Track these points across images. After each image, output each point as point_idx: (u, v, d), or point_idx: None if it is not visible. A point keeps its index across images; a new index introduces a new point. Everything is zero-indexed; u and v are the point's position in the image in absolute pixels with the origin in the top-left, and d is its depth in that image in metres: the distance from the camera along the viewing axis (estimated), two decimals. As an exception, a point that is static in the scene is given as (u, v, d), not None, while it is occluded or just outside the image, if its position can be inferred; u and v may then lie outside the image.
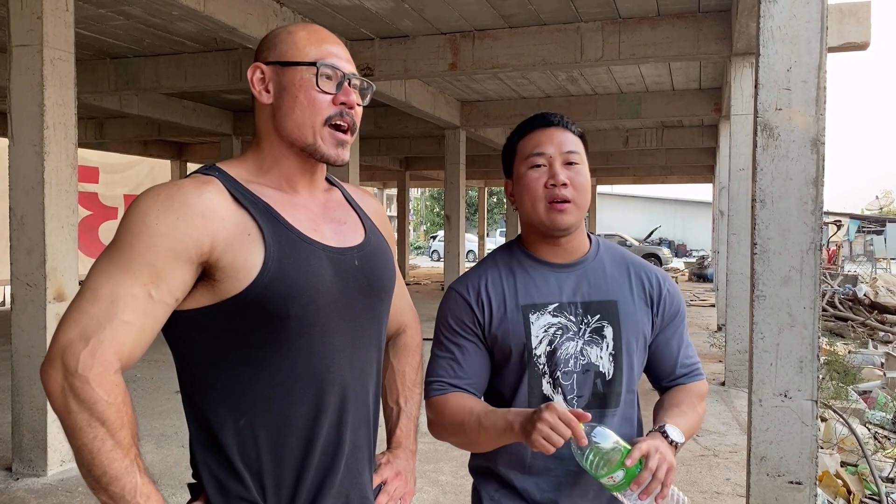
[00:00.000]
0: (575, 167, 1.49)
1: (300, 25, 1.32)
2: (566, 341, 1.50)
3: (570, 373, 1.49)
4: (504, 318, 1.52)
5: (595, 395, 1.50)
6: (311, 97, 1.25)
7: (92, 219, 13.83)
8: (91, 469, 1.08)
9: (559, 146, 1.50)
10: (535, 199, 1.48)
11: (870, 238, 26.23)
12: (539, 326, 1.50)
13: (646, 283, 1.58)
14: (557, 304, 1.52)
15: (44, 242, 4.30)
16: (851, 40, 5.72)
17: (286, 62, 1.27)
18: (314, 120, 1.26)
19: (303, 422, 1.23)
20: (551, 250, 1.55)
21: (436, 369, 1.57)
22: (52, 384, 1.09)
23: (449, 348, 1.55)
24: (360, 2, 6.14)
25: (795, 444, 2.62)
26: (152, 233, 1.13)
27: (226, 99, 11.13)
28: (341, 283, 1.26)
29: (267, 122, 1.29)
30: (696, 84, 9.87)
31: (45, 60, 4.28)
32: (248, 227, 1.19)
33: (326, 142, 1.27)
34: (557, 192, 1.46)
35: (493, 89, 10.23)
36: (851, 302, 11.74)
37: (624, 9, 6.38)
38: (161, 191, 1.17)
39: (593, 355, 1.50)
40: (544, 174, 1.49)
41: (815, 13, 2.55)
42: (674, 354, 1.60)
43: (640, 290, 1.56)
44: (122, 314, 1.10)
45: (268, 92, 1.28)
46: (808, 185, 2.59)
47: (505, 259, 1.60)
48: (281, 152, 1.28)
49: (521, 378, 1.51)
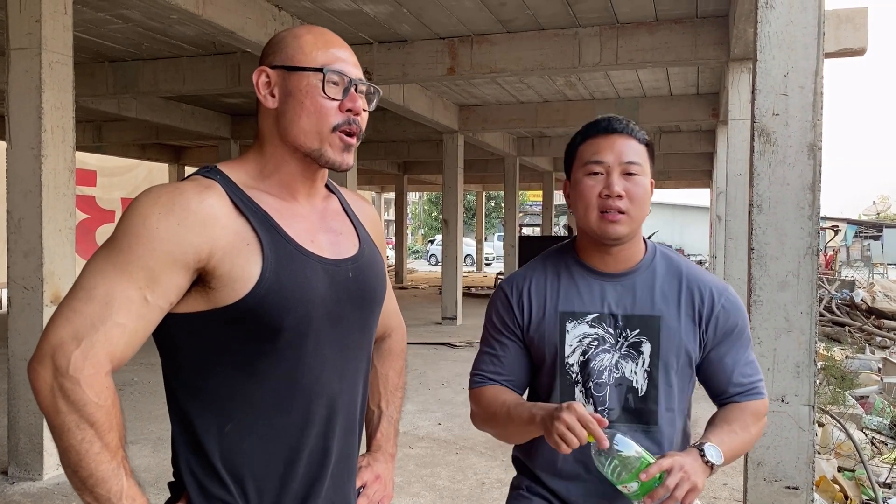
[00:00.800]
0: (634, 178, 1.47)
1: (307, 28, 1.30)
2: (601, 353, 1.49)
3: (604, 385, 1.49)
4: (542, 322, 1.53)
5: (626, 410, 1.49)
6: (317, 104, 1.23)
7: (89, 222, 13.81)
8: (77, 470, 1.08)
9: (619, 155, 1.47)
10: (589, 207, 1.47)
11: (867, 243, 26.29)
12: (574, 335, 1.50)
13: (696, 298, 1.52)
14: (597, 314, 1.51)
15: (41, 245, 4.29)
16: (848, 46, 5.74)
17: (292, 67, 1.24)
18: (321, 126, 1.24)
19: (289, 431, 1.22)
20: (601, 258, 1.53)
21: (478, 363, 1.62)
22: (40, 382, 1.08)
23: (492, 344, 1.60)
24: (359, 6, 6.14)
25: (792, 449, 2.63)
26: (152, 236, 1.11)
27: (224, 103, 11.13)
28: (335, 294, 1.26)
29: (271, 127, 1.27)
30: (694, 89, 9.89)
31: (43, 64, 4.28)
32: (247, 236, 1.18)
33: (335, 147, 1.25)
34: (611, 203, 1.44)
35: (491, 94, 10.25)
36: (848, 307, 11.76)
37: (622, 14, 6.39)
38: (163, 193, 1.16)
39: (627, 370, 1.49)
40: (600, 182, 1.47)
41: (811, 19, 2.56)
42: (727, 372, 1.54)
43: (688, 306, 1.51)
44: (116, 316, 1.09)
45: (273, 96, 1.26)
46: (805, 190, 2.60)
47: (554, 262, 1.59)
48: (284, 157, 1.27)
49: (554, 384, 1.52)
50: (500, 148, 13.68)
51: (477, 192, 26.97)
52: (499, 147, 13.55)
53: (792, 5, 2.57)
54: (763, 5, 2.59)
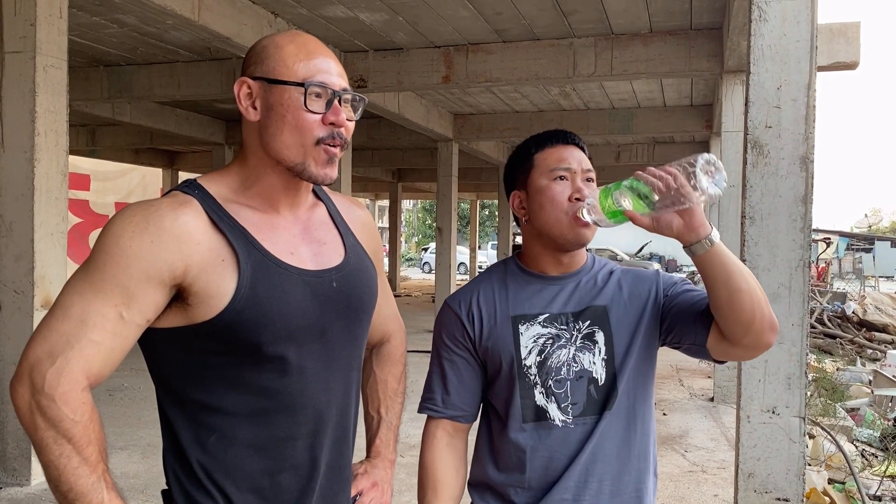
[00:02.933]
0: (592, 185, 1.52)
1: (288, 37, 1.26)
2: (557, 349, 1.50)
3: (563, 380, 1.49)
4: (494, 329, 1.53)
5: (590, 401, 1.49)
6: (299, 118, 1.21)
7: (82, 226, 13.77)
8: (58, 485, 1.09)
9: (580, 163, 1.53)
10: (560, 211, 1.49)
11: (859, 256, 26.42)
12: (528, 337, 1.51)
13: (635, 284, 1.56)
14: (548, 314, 1.52)
15: (32, 249, 4.27)
16: (841, 60, 5.78)
17: (273, 80, 1.22)
18: (304, 140, 1.21)
19: (273, 444, 1.22)
20: (553, 263, 1.55)
21: (429, 386, 1.60)
22: (19, 400, 1.10)
23: (442, 365, 1.58)
24: (355, 14, 6.16)
25: (783, 461, 2.63)
26: (126, 255, 1.12)
27: (218, 108, 11.12)
28: (318, 306, 1.24)
29: (254, 139, 1.25)
30: (688, 101, 9.93)
31: (37, 67, 4.27)
32: (222, 252, 1.18)
33: (318, 161, 1.23)
34: (581, 205, 1.48)
35: (486, 103, 10.27)
36: (840, 319, 11.80)
37: (617, 25, 6.43)
38: (137, 212, 1.16)
39: (586, 361, 1.50)
40: (568, 187, 1.50)
41: (804, 32, 2.58)
42: (686, 299, 1.50)
43: (630, 292, 1.54)
44: (91, 333, 1.11)
45: (255, 108, 1.24)
46: (797, 202, 2.61)
47: (499, 274, 1.61)
48: (266, 170, 1.25)
49: (513, 390, 1.51)
50: (495, 157, 13.70)
51: (471, 201, 26.99)
52: (493, 156, 13.57)
53: (785, 19, 2.59)
54: (757, 18, 2.61)
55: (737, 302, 1.33)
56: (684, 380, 8.06)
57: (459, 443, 1.60)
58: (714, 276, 1.34)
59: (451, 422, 1.58)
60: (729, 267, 1.33)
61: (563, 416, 1.48)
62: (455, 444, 1.59)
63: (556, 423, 1.48)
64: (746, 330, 1.35)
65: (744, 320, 1.34)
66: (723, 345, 1.41)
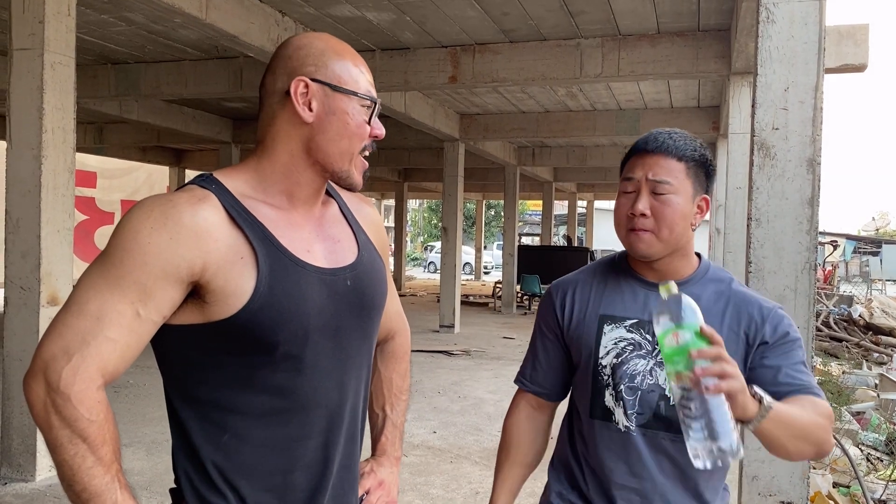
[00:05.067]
0: (661, 197, 1.45)
1: (338, 43, 1.28)
2: (636, 357, 1.48)
3: (635, 389, 1.48)
4: (581, 324, 1.56)
5: (657, 417, 1.47)
6: (363, 129, 1.26)
7: (88, 223, 13.83)
8: (72, 485, 1.08)
9: (648, 173, 1.46)
10: (619, 225, 1.51)
11: (866, 259, 26.31)
12: (610, 338, 1.51)
13: (743, 316, 1.48)
14: (637, 320, 1.50)
15: (39, 246, 4.29)
16: (849, 62, 5.76)
17: (342, 89, 1.23)
18: (354, 149, 1.26)
19: (287, 443, 1.22)
20: (646, 268, 1.54)
21: (524, 363, 1.70)
22: (33, 398, 1.09)
23: (535, 344, 1.67)
24: (362, 13, 6.16)
25: (787, 464, 2.62)
26: (144, 251, 1.10)
27: (226, 107, 11.15)
28: (333, 304, 1.24)
29: (297, 139, 1.23)
30: (695, 102, 9.91)
31: (45, 64, 4.29)
32: (241, 249, 1.16)
33: (359, 169, 1.28)
34: (636, 222, 1.45)
35: (492, 103, 10.27)
36: (846, 322, 11.76)
37: (624, 26, 6.42)
38: (155, 206, 1.14)
39: (661, 378, 1.47)
40: (630, 201, 1.46)
41: (812, 34, 2.57)
42: (771, 371, 1.43)
43: (733, 323, 1.47)
44: (107, 331, 1.09)
45: (310, 110, 1.22)
46: (804, 204, 2.60)
47: (604, 268, 1.61)
48: (299, 168, 1.24)
49: (587, 385, 1.53)
50: (501, 157, 13.70)
51: (477, 201, 27.00)
52: (499, 156, 13.57)
53: (793, 20, 2.58)
54: (764, 20, 2.60)
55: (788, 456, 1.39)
56: (689, 382, 8.03)
57: (542, 416, 1.68)
58: (768, 443, 1.34)
59: (534, 396, 1.66)
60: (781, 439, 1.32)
61: (627, 421, 1.48)
62: (536, 416, 1.67)
63: (620, 427, 1.48)
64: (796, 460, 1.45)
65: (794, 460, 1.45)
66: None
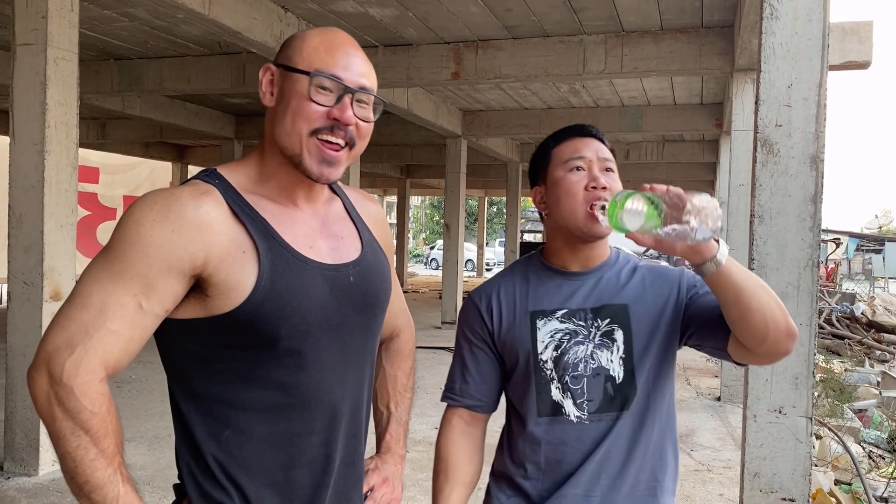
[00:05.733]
0: (611, 174, 1.50)
1: (321, 31, 1.27)
2: (575, 345, 1.49)
3: (580, 377, 1.49)
4: (512, 324, 1.54)
5: (606, 399, 1.49)
6: (301, 106, 1.20)
7: (91, 219, 13.82)
8: (74, 476, 1.08)
9: (597, 152, 1.51)
10: (576, 202, 1.48)
11: (868, 257, 26.25)
12: (545, 332, 1.51)
13: (663, 280, 1.54)
14: (566, 310, 1.52)
15: (42, 241, 4.29)
16: (853, 59, 5.75)
17: (288, 67, 1.22)
18: (300, 129, 1.20)
19: (288, 438, 1.21)
20: (573, 257, 1.54)
21: (451, 377, 1.64)
22: (37, 390, 1.09)
23: (463, 356, 1.61)
24: (365, 9, 6.15)
25: (789, 461, 2.62)
26: (147, 244, 1.11)
27: (228, 103, 11.14)
28: (335, 300, 1.24)
29: (269, 127, 1.26)
30: (698, 99, 9.89)
31: (48, 60, 4.29)
32: (243, 243, 1.16)
33: (312, 154, 1.21)
34: (598, 194, 1.46)
35: (495, 99, 10.26)
36: (849, 320, 11.75)
37: (627, 22, 6.40)
38: (158, 199, 1.14)
39: (604, 359, 1.49)
40: (584, 177, 1.48)
41: (816, 31, 2.56)
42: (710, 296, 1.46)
43: (654, 291, 1.53)
44: (110, 323, 1.09)
45: (272, 95, 1.25)
46: (807, 201, 2.60)
47: (522, 268, 1.62)
48: (278, 160, 1.25)
49: (529, 384, 1.51)
50: (504, 154, 13.68)
51: (479, 198, 26.97)
52: (502, 153, 13.56)
53: (797, 17, 2.57)
54: (768, 16, 2.59)
55: (748, 319, 1.32)
56: (691, 379, 8.04)
57: (476, 431, 1.63)
58: (724, 295, 1.33)
59: (467, 410, 1.60)
60: (738, 286, 1.31)
61: (579, 412, 1.48)
62: (470, 432, 1.62)
63: (572, 419, 1.48)
64: (761, 342, 1.34)
65: (757, 335, 1.33)
66: (741, 350, 1.41)
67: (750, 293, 1.31)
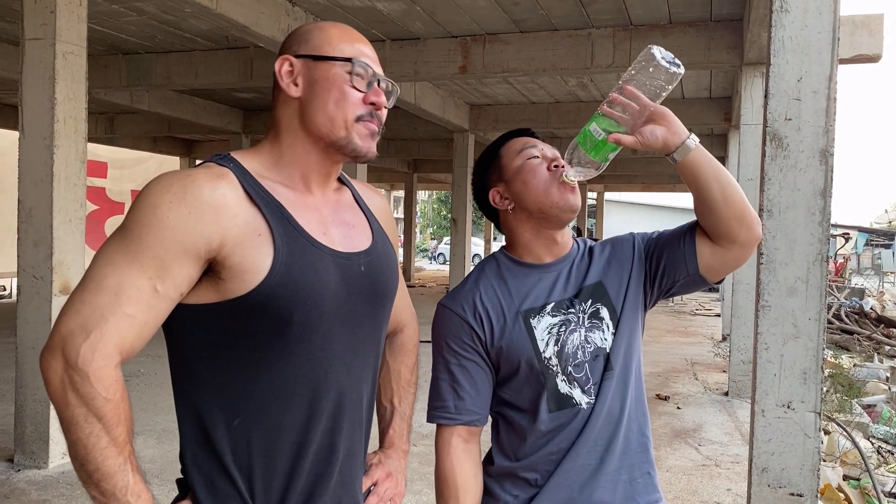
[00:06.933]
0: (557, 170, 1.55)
1: (331, 23, 1.31)
2: (570, 334, 1.50)
3: (581, 363, 1.49)
4: (505, 329, 1.51)
5: (607, 376, 1.51)
6: (345, 92, 1.24)
7: (99, 213, 13.87)
8: (84, 464, 1.07)
9: (543, 150, 1.57)
10: (544, 179, 1.50)
11: (878, 252, 26.13)
12: (542, 329, 1.50)
13: (618, 247, 1.60)
14: (553, 303, 1.52)
15: (51, 235, 4.32)
16: (863, 52, 5.70)
17: (320, 56, 1.24)
18: (346, 115, 1.24)
19: (296, 427, 1.21)
20: (546, 248, 1.56)
21: (439, 392, 1.55)
22: (51, 374, 1.07)
23: (451, 371, 1.53)
24: (372, 3, 6.15)
25: (797, 456, 2.61)
26: (163, 226, 1.09)
27: (236, 97, 11.16)
28: (346, 289, 1.24)
29: (292, 116, 1.26)
30: (707, 93, 9.85)
31: (57, 54, 4.30)
32: (258, 226, 1.16)
33: (361, 135, 1.25)
34: (561, 171, 1.50)
35: (502, 93, 10.24)
36: (858, 315, 11.70)
37: (635, 16, 6.37)
38: (174, 181, 1.13)
39: (598, 339, 1.51)
40: (544, 160, 1.53)
41: (826, 24, 2.54)
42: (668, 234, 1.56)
43: (615, 256, 1.58)
44: (125, 307, 1.08)
45: (296, 85, 1.25)
46: (816, 196, 2.58)
47: (493, 269, 1.59)
48: (304, 147, 1.26)
49: (536, 385, 1.50)
50: (511, 148, 13.65)
51: (486, 192, 26.91)
52: (509, 147, 13.53)
53: (807, 10, 2.55)
54: (778, 9, 2.58)
55: (729, 194, 1.41)
56: (699, 374, 8.03)
57: (474, 447, 1.57)
58: (704, 174, 1.41)
59: (465, 427, 1.53)
60: (713, 163, 1.42)
61: (588, 397, 1.49)
62: (470, 448, 1.55)
63: (582, 406, 1.48)
64: (741, 221, 1.42)
65: (738, 211, 1.41)
66: (716, 256, 1.47)
67: (722, 169, 1.43)
